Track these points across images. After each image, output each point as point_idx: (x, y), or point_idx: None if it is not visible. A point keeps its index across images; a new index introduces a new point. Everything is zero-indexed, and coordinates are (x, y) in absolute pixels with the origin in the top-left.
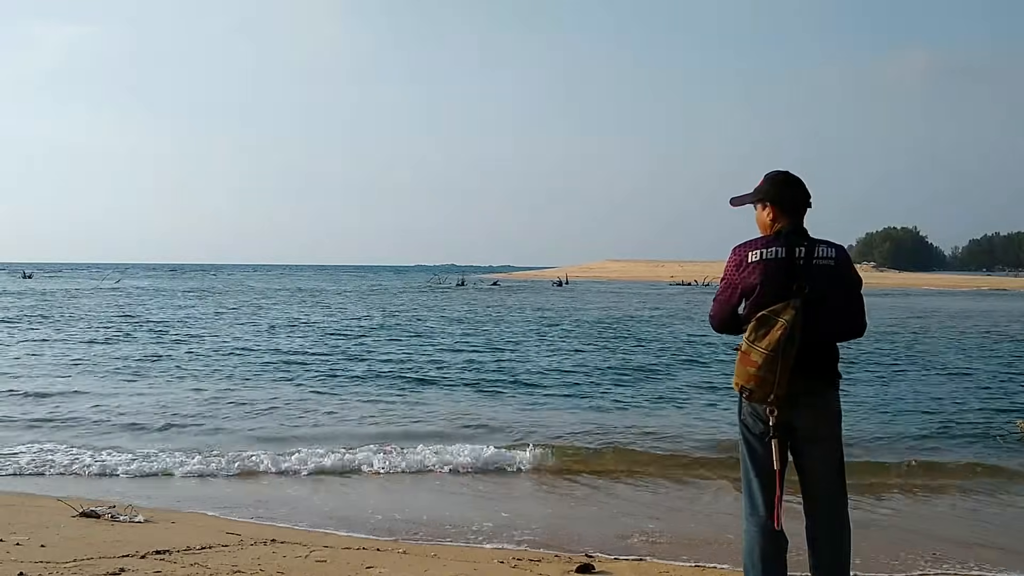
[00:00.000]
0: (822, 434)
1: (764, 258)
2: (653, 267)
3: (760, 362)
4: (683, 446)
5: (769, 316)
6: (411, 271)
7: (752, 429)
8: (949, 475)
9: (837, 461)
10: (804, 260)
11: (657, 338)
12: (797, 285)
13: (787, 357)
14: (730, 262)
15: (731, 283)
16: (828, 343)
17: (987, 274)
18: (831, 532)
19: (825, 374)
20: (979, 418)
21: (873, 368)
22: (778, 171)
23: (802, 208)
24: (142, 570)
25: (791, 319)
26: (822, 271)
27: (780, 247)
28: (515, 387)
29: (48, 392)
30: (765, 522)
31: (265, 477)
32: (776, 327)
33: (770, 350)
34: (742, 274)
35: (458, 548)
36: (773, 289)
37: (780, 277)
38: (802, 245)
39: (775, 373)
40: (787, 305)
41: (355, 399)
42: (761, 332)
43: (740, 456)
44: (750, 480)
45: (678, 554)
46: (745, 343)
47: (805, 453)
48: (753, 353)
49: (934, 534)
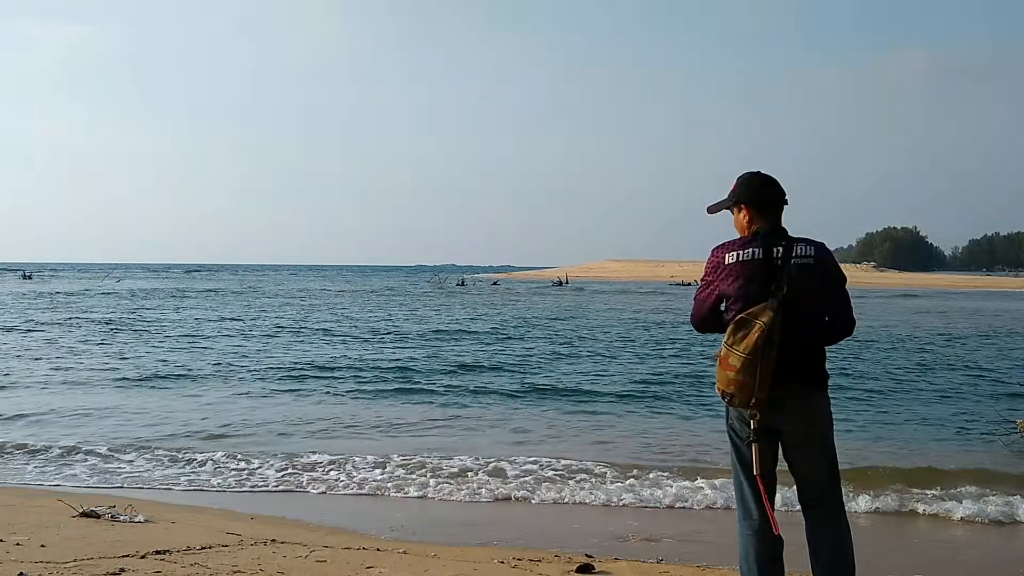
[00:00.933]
0: (809, 436)
1: (741, 259)
2: (653, 267)
3: (739, 366)
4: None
5: (746, 319)
6: (411, 271)
7: (739, 433)
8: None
9: (828, 463)
10: (782, 260)
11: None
12: (775, 285)
13: (766, 360)
14: (708, 263)
15: (708, 284)
16: (811, 343)
17: (987, 274)
18: (829, 534)
19: (810, 375)
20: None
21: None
22: (751, 172)
23: (778, 207)
24: (142, 570)
25: (768, 321)
26: (801, 270)
27: (757, 247)
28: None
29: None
30: (759, 525)
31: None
32: (753, 330)
33: (748, 353)
34: (719, 276)
35: (458, 548)
36: (751, 290)
37: (758, 278)
38: (780, 245)
39: (755, 376)
40: (765, 307)
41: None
42: (739, 335)
43: (730, 461)
44: (741, 484)
45: (679, 554)
46: (724, 347)
47: (794, 456)
48: (731, 357)
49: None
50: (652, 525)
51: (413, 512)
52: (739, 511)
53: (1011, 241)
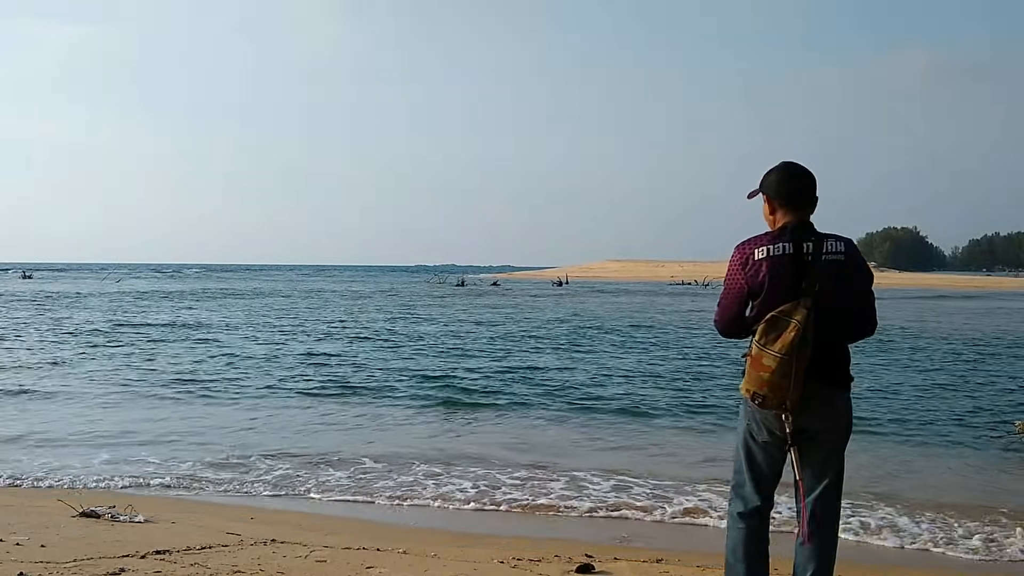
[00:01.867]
0: (830, 438)
1: (771, 255)
2: (653, 267)
3: (774, 367)
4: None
5: (780, 317)
6: (411, 271)
7: (756, 436)
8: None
9: (837, 471)
10: (812, 256)
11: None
12: (807, 283)
13: (801, 360)
14: (734, 260)
15: (736, 283)
16: (839, 344)
17: (987, 274)
18: (821, 544)
19: (837, 376)
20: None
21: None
22: (784, 162)
23: (807, 201)
24: (142, 570)
25: (803, 319)
26: (832, 267)
27: (787, 243)
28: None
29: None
30: (750, 523)
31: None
32: (788, 329)
33: (784, 353)
34: (748, 273)
35: (458, 548)
36: (781, 288)
37: (788, 275)
38: (810, 240)
39: (790, 377)
40: (797, 304)
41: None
42: (772, 335)
43: (735, 456)
44: (743, 483)
45: (679, 554)
46: (755, 347)
47: (807, 459)
48: (765, 357)
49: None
50: (652, 525)
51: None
52: (733, 504)
53: (1011, 241)
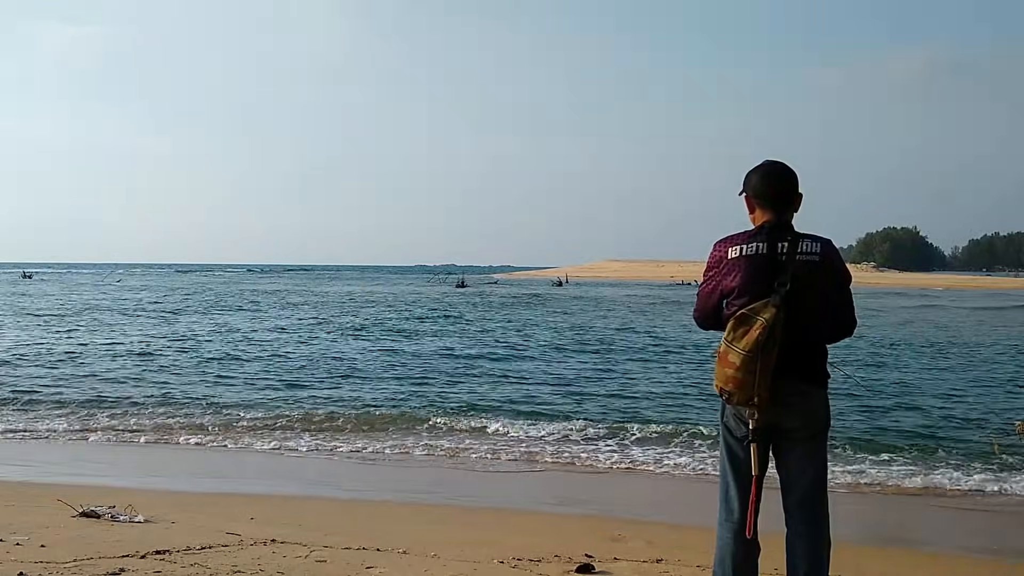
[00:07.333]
0: (804, 437)
1: (744, 254)
2: (653, 267)
3: (738, 363)
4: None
5: (748, 315)
6: (409, 271)
7: (734, 432)
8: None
9: (819, 468)
10: (787, 255)
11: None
12: (779, 282)
13: (767, 358)
14: (711, 257)
15: (711, 279)
16: (814, 341)
17: (987, 274)
18: (809, 542)
19: (810, 375)
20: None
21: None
22: (766, 160)
23: (785, 200)
24: (142, 570)
25: (771, 317)
26: (806, 267)
27: (761, 242)
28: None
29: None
30: (739, 529)
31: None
32: (755, 326)
33: (748, 351)
34: (723, 270)
35: (458, 548)
36: (754, 286)
37: (761, 274)
38: (785, 240)
39: (754, 374)
40: (767, 303)
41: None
42: (740, 331)
43: (719, 459)
44: (728, 485)
45: (679, 554)
46: (723, 344)
47: (787, 456)
48: (731, 354)
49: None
50: (652, 525)
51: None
52: (721, 513)
53: (1011, 241)
